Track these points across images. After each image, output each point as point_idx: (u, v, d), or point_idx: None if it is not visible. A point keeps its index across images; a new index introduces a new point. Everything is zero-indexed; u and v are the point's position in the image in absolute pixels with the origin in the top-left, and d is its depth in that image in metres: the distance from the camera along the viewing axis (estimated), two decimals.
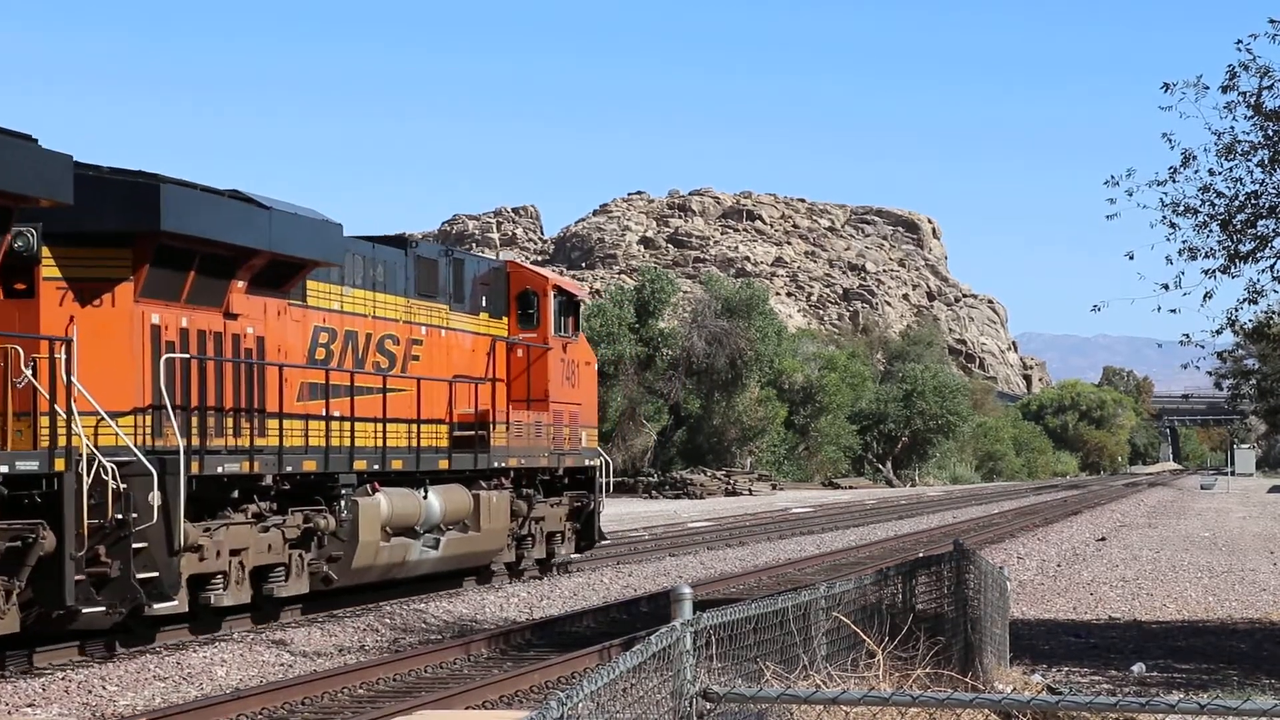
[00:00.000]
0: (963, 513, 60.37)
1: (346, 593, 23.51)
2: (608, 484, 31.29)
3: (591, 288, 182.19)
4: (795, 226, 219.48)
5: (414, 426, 24.57)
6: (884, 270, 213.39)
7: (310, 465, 21.86)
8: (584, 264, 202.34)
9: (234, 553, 20.16)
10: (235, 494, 20.40)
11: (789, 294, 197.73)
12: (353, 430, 22.94)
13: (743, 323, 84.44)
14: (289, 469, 21.29)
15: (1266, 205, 18.50)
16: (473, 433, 26.05)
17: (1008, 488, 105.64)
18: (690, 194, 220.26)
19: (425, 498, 24.54)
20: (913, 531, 46.75)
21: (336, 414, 22.79)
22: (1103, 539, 42.96)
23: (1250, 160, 18.47)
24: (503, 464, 26.82)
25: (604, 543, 32.14)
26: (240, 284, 20.87)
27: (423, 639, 20.91)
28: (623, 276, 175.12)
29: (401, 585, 24.97)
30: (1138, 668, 17.56)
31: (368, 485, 23.04)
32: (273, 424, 21.30)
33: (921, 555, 25.76)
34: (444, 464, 25.39)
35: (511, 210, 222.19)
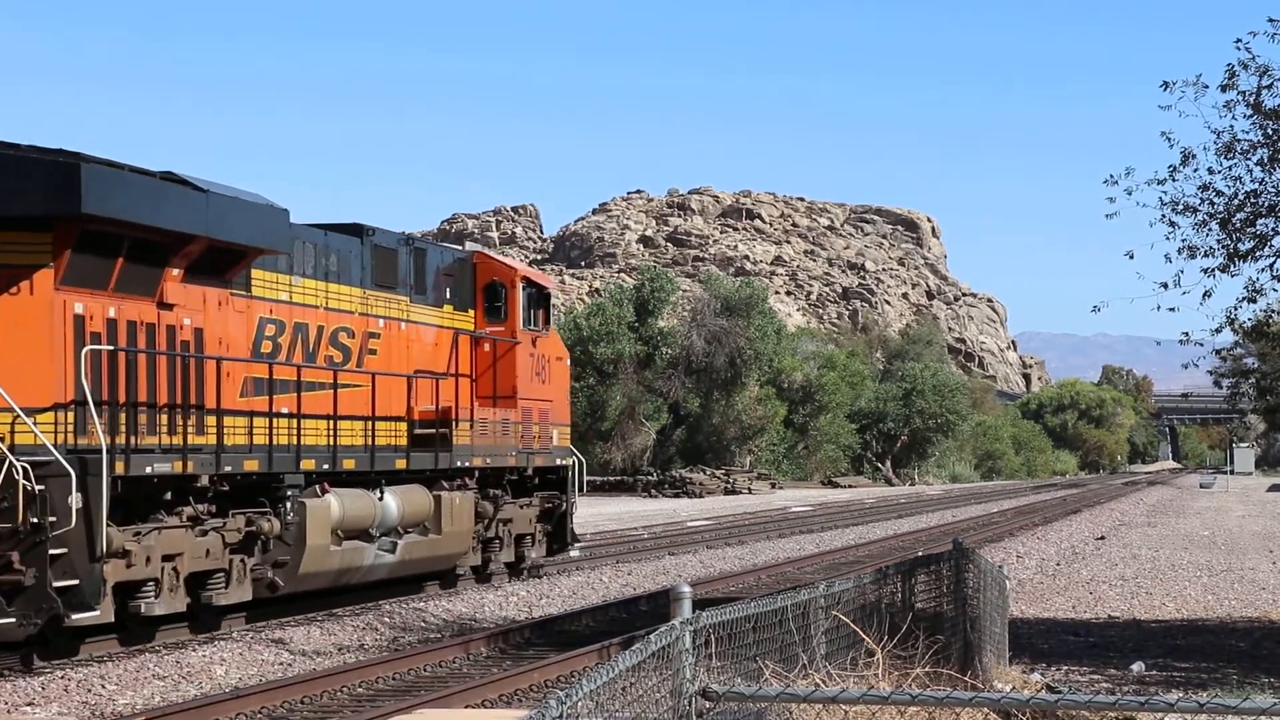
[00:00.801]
0: (962, 511, 60.38)
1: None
2: (581, 484, 30.25)
3: (591, 287, 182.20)
4: (794, 225, 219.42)
5: (369, 424, 23.33)
6: (883, 269, 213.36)
7: (252, 465, 20.53)
8: (583, 263, 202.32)
9: (167, 558, 18.90)
10: (168, 496, 19.14)
11: (788, 293, 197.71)
12: (299, 428, 21.60)
13: (742, 321, 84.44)
14: (228, 469, 19.93)
15: (1266, 204, 18.51)
16: (434, 431, 24.81)
17: (1007, 486, 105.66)
18: (689, 193, 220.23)
19: (381, 499, 23.30)
20: (912, 530, 46.75)
21: (284, 410, 21.51)
22: (1102, 538, 42.96)
23: (1249, 159, 18.50)
24: (466, 463, 25.63)
25: (577, 545, 31.04)
26: (175, 272, 19.55)
27: (422, 638, 20.91)
28: (622, 275, 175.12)
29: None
30: (1137, 666, 17.56)
31: (317, 486, 21.79)
32: (212, 421, 20.05)
33: (921, 554, 25.79)
34: (401, 463, 24.07)
35: (511, 209, 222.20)
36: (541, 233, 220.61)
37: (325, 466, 22.07)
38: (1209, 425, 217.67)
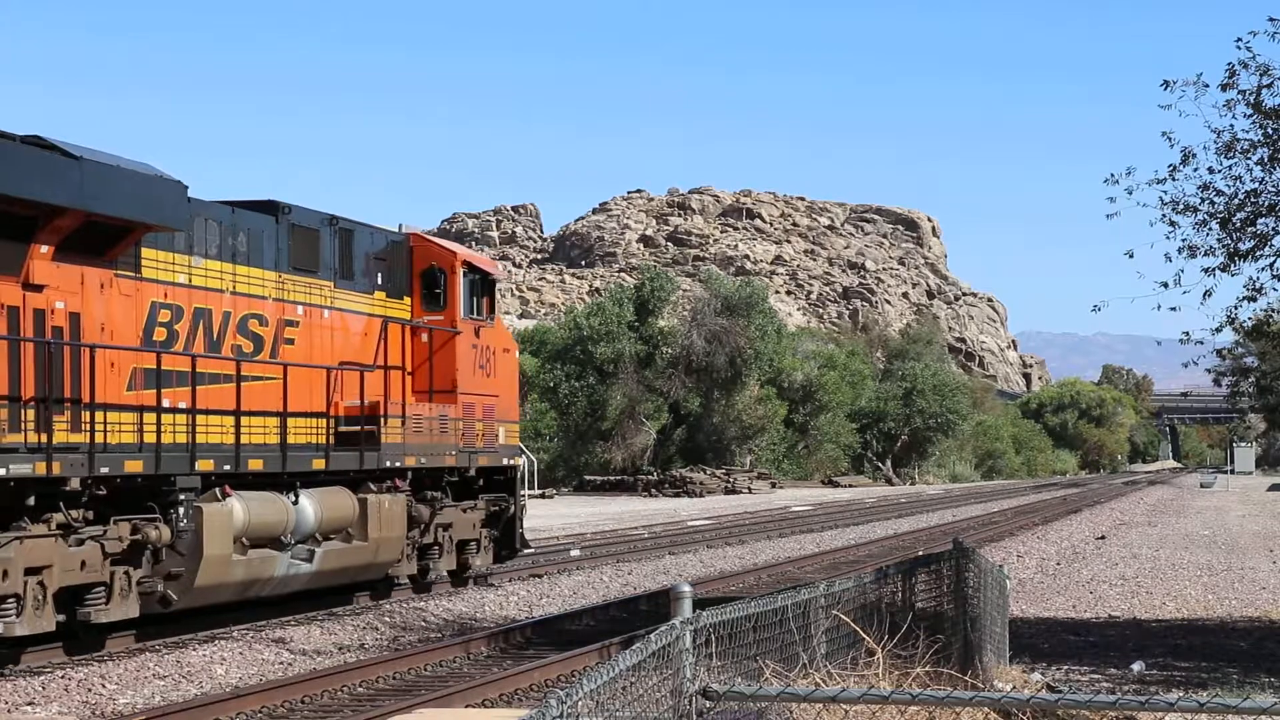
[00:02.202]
0: (962, 511, 60.37)
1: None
2: (531, 485, 28.10)
3: (591, 286, 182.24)
4: (795, 225, 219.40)
5: (282, 420, 21.20)
6: (883, 268, 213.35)
7: (135, 466, 18.35)
8: (584, 262, 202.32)
9: (31, 571, 16.85)
10: (32, 501, 17.09)
11: (788, 292, 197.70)
12: (193, 424, 19.42)
13: (742, 321, 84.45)
14: (104, 470, 17.78)
15: (1266, 203, 18.52)
16: (359, 428, 22.78)
17: (1007, 486, 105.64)
18: (690, 192, 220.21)
19: (296, 503, 21.25)
20: (912, 530, 46.75)
21: (181, 406, 19.41)
22: (1102, 537, 42.95)
23: (1250, 158, 18.52)
24: (398, 464, 23.46)
25: (527, 552, 28.99)
26: (44, 249, 17.52)
27: (422, 637, 20.92)
28: (622, 275, 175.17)
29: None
30: (1137, 666, 17.56)
31: (217, 489, 19.62)
32: (92, 418, 18.01)
33: (921, 553, 25.81)
34: (320, 464, 21.91)
35: (511, 209, 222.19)
36: (542, 232, 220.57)
37: (227, 467, 19.90)
38: (1209, 424, 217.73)
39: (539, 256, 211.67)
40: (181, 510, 18.97)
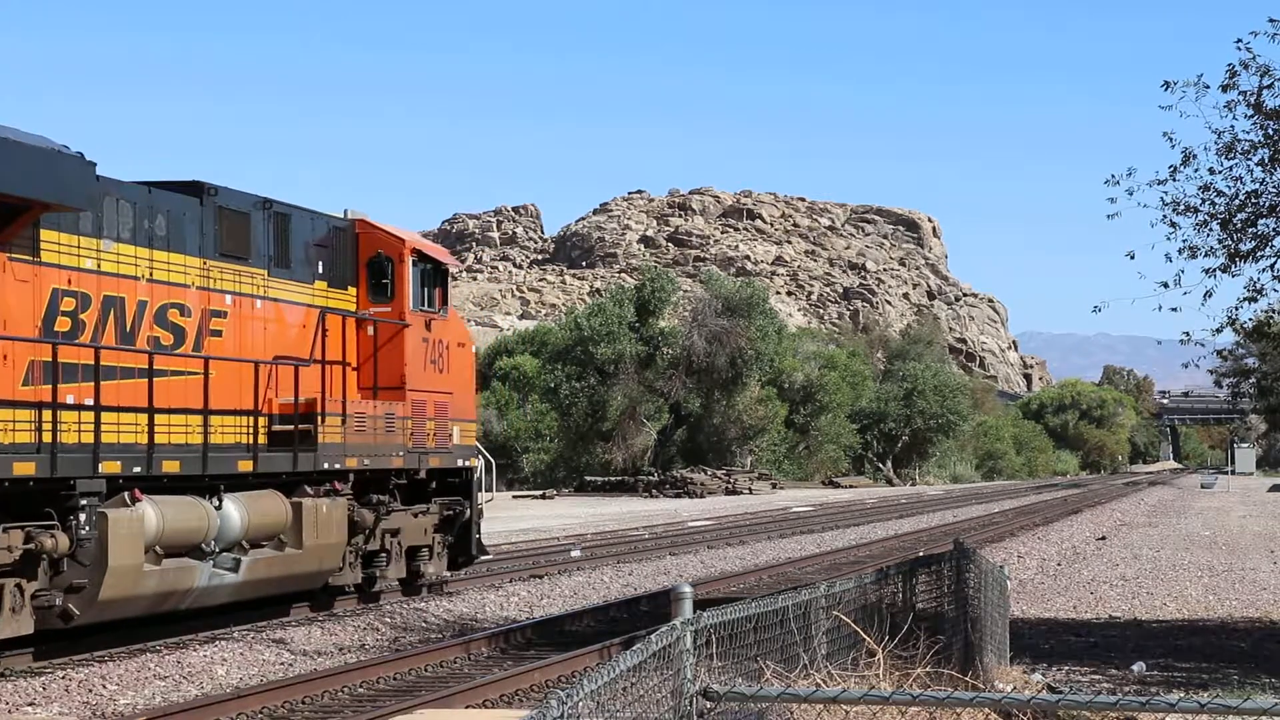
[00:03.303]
0: (963, 512, 60.38)
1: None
2: (490, 487, 26.72)
3: (592, 287, 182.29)
4: (795, 225, 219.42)
5: (205, 419, 19.58)
6: (884, 269, 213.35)
7: (26, 468, 16.70)
8: (584, 263, 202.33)
9: None
10: None
11: (789, 293, 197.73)
12: (98, 422, 17.73)
13: (743, 322, 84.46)
14: None
15: (1266, 204, 18.53)
16: (293, 427, 21.13)
17: (1008, 487, 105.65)
18: (690, 193, 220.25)
19: (219, 508, 19.63)
20: (913, 530, 46.75)
21: (87, 403, 17.80)
22: (1103, 538, 42.96)
23: (1250, 159, 18.52)
24: (337, 465, 21.92)
25: (485, 558, 27.48)
26: None
27: (423, 638, 20.91)
28: (623, 275, 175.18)
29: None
30: (1138, 666, 17.56)
31: (126, 494, 18.02)
32: None
33: (922, 554, 25.81)
34: (246, 465, 20.24)
35: (512, 209, 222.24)
36: (542, 233, 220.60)
37: (138, 469, 18.19)
38: (1210, 425, 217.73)
39: (539, 257, 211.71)
40: (83, 517, 17.31)
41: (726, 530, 45.33)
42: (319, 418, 21.46)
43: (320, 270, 22.60)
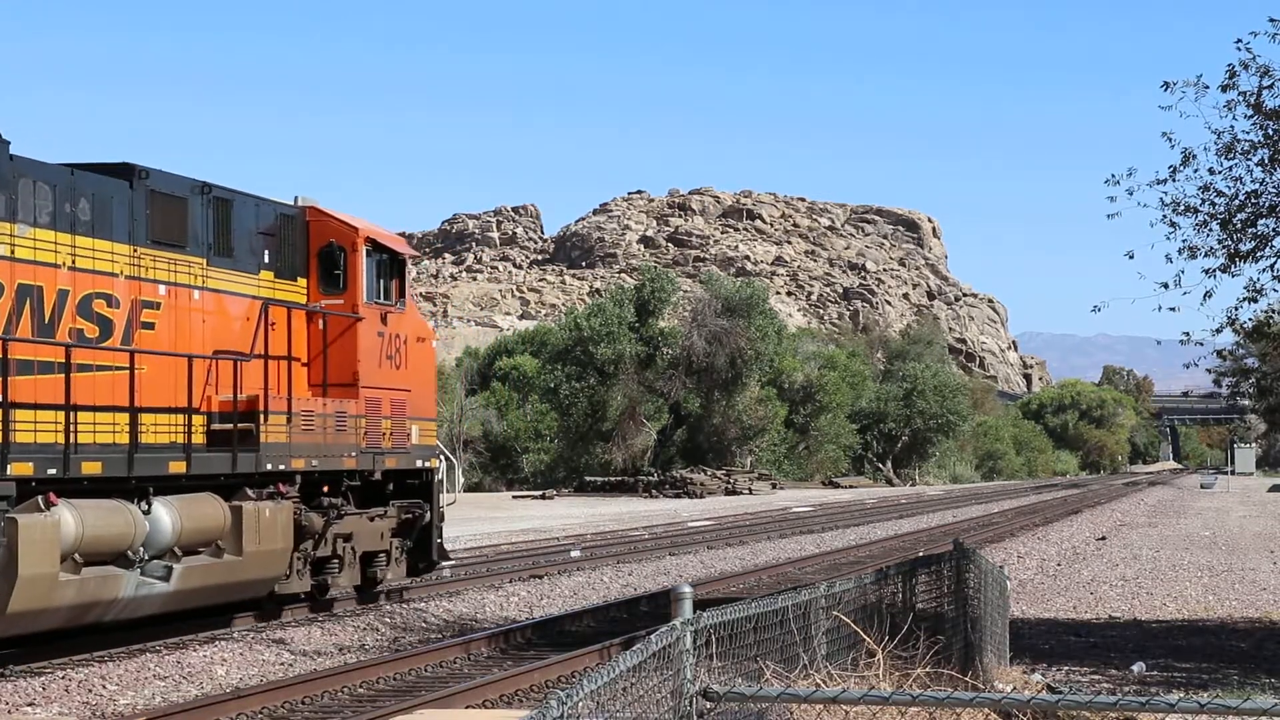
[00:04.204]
0: (962, 512, 60.39)
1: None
2: (453, 488, 25.28)
3: (591, 287, 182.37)
4: (795, 226, 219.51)
5: (132, 416, 18.26)
6: (884, 269, 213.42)
7: None
8: (584, 263, 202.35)
9: None
10: None
11: (789, 293, 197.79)
12: (6, 420, 16.50)
13: (743, 322, 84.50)
14: None
15: (1266, 204, 18.53)
16: (232, 426, 19.81)
17: (1007, 487, 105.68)
18: (690, 193, 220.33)
19: (148, 512, 18.23)
20: (913, 530, 46.76)
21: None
22: (1103, 538, 42.96)
23: (1250, 159, 18.53)
24: (282, 466, 20.53)
25: (448, 564, 26.10)
26: None
27: (423, 638, 20.92)
28: (623, 275, 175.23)
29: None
30: (1138, 667, 17.56)
31: (40, 497, 16.73)
32: None
33: (921, 554, 25.81)
34: (179, 466, 18.84)
35: (512, 209, 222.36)
36: (542, 233, 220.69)
37: (52, 471, 16.92)
38: (1209, 425, 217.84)
39: (539, 257, 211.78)
40: None
41: (726, 530, 45.33)
42: (261, 416, 20.15)
43: (266, 260, 21.31)
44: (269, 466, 20.28)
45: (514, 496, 77.83)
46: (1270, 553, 37.36)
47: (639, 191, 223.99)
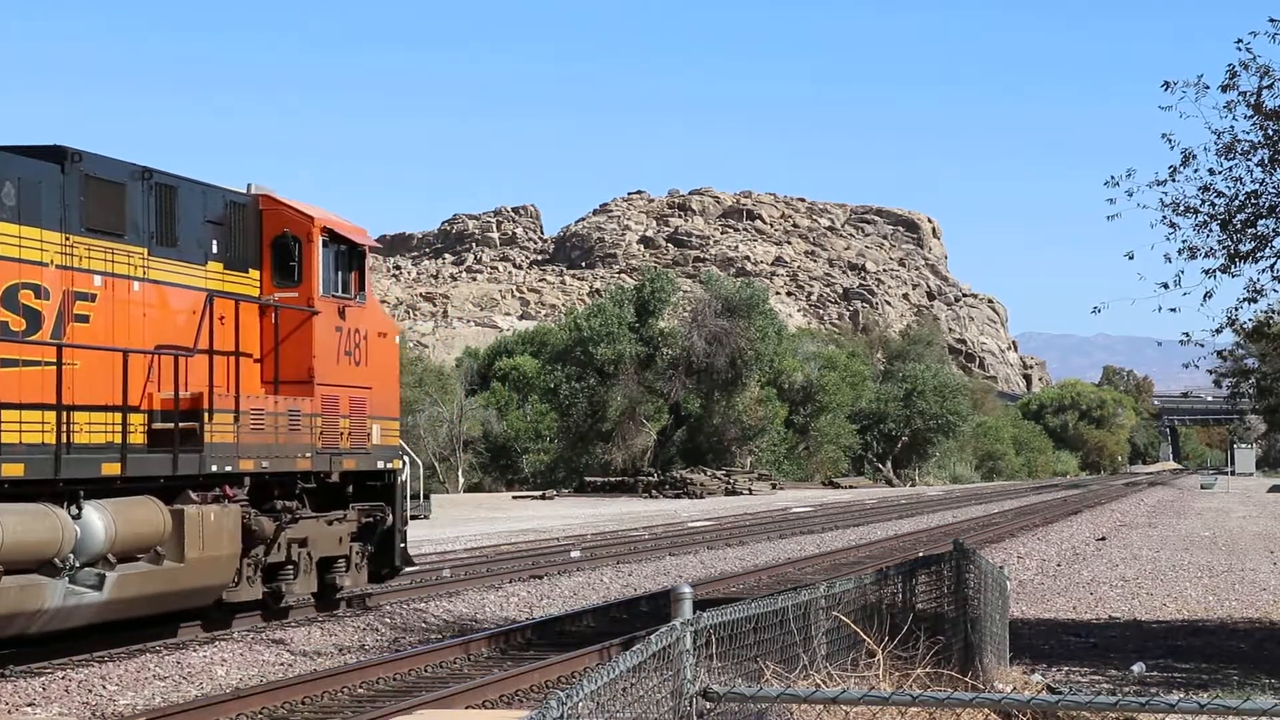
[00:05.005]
0: (962, 512, 60.39)
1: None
2: (418, 491, 24.32)
3: (591, 287, 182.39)
4: (795, 226, 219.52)
5: (60, 415, 17.12)
6: (884, 270, 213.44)
7: None
8: (584, 263, 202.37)
9: None
10: None
11: (789, 293, 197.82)
12: None
13: (743, 322, 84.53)
14: None
15: (1266, 205, 18.53)
16: (173, 426, 18.67)
17: (1007, 487, 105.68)
18: (690, 193, 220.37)
19: (77, 517, 17.21)
20: (913, 531, 46.76)
21: None
22: (1103, 538, 42.96)
23: (1250, 160, 18.52)
24: (229, 468, 19.37)
25: (411, 570, 25.15)
26: None
27: (422, 638, 20.91)
28: (623, 276, 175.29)
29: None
30: (1138, 667, 17.56)
31: None
32: None
33: (921, 555, 25.80)
34: (112, 468, 17.70)
35: (511, 210, 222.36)
36: (542, 233, 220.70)
37: None
38: (1209, 426, 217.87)
39: (539, 258, 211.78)
40: None
41: (726, 531, 45.33)
42: (206, 414, 18.96)
43: (215, 250, 20.17)
44: (214, 468, 19.15)
45: (514, 497, 77.86)
46: (1270, 553, 37.35)
47: (639, 192, 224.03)
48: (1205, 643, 20.26)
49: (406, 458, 23.70)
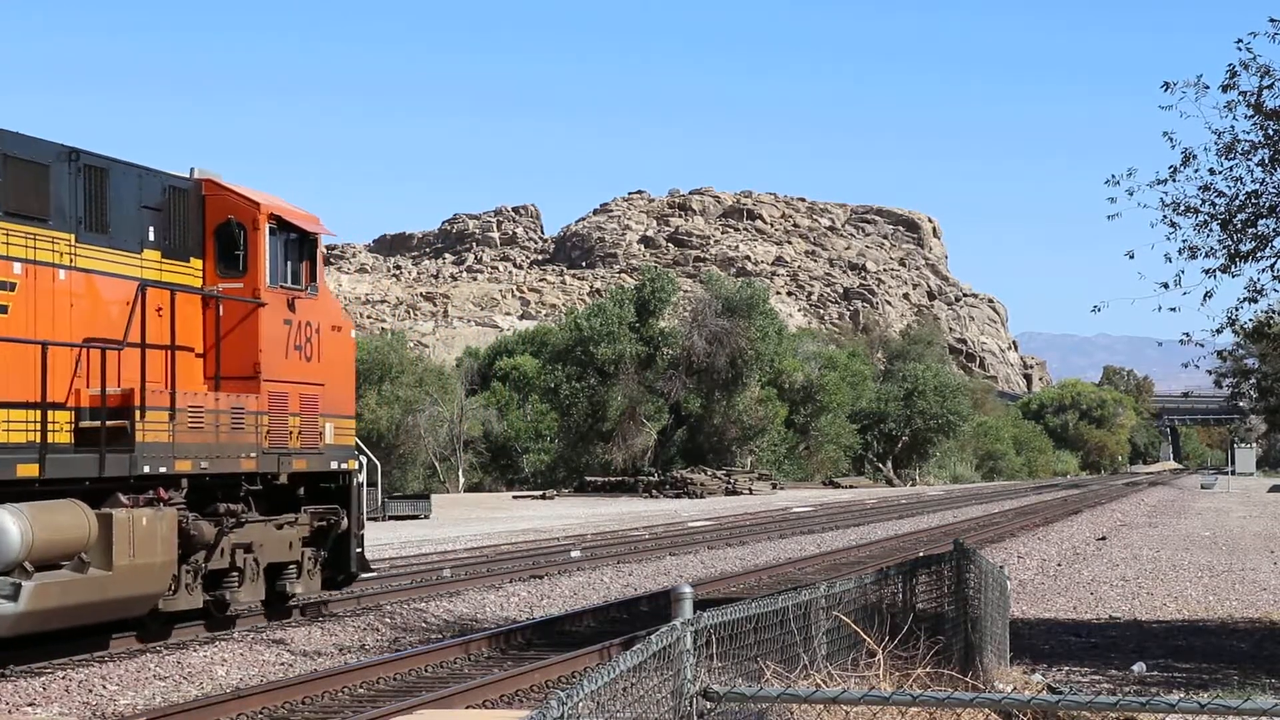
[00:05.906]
0: (963, 512, 60.39)
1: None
2: (375, 493, 23.29)
3: (592, 287, 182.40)
4: (795, 226, 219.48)
5: None
6: (884, 269, 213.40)
7: None
8: (584, 263, 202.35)
9: None
10: None
11: (789, 293, 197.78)
12: None
13: (743, 322, 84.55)
14: None
15: (1267, 204, 18.53)
16: (100, 423, 17.53)
17: (1008, 487, 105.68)
18: (690, 193, 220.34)
19: None
20: (913, 531, 46.75)
21: None
22: (1103, 538, 42.96)
23: (1250, 159, 18.52)
24: (163, 469, 18.17)
25: (367, 576, 24.05)
26: None
27: (423, 638, 20.91)
28: (623, 276, 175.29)
29: None
30: (1138, 667, 17.56)
31: None
32: None
33: (922, 555, 25.82)
34: (29, 469, 16.57)
35: (512, 209, 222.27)
36: (542, 233, 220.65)
37: None
38: (1210, 426, 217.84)
39: (540, 257, 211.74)
40: None
41: (726, 531, 45.33)
42: (138, 412, 17.78)
43: (152, 238, 19.00)
44: (147, 469, 17.91)
45: (514, 496, 77.87)
46: (1270, 553, 37.36)
47: (639, 191, 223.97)
48: (1205, 643, 20.27)
49: (364, 458, 22.65)
